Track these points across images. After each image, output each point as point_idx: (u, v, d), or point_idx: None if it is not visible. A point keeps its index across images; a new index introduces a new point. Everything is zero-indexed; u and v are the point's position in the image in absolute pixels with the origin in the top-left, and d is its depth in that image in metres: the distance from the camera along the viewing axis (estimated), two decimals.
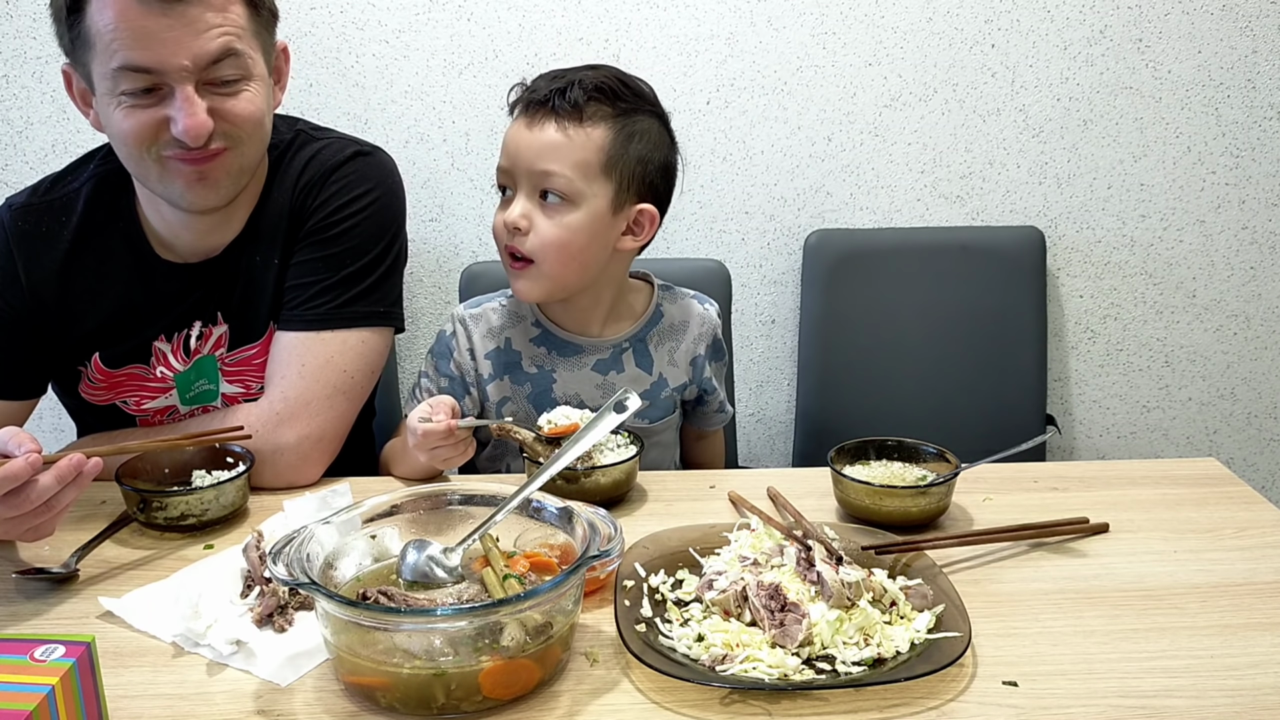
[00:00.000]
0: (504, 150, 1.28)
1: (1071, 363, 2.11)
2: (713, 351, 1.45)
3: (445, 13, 1.86)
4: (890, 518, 1.10)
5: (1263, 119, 1.98)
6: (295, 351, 1.26)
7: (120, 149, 1.18)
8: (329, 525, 0.91)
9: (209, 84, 1.13)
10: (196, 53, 1.10)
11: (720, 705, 0.82)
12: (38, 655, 0.66)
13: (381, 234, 1.31)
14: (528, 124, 1.25)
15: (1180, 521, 1.13)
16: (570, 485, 1.15)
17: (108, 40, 1.09)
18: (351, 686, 0.83)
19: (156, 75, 1.10)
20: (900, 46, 1.92)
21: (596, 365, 1.38)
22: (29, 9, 1.83)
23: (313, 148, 1.31)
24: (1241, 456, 2.18)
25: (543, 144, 1.24)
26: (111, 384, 1.33)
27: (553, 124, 1.24)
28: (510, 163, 1.27)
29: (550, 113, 1.24)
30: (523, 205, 1.26)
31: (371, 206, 1.30)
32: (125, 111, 1.13)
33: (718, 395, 1.48)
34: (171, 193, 1.19)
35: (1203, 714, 0.80)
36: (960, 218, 2.02)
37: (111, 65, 1.10)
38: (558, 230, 1.26)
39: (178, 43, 1.09)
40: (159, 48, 1.09)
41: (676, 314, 1.43)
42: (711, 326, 1.44)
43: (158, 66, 1.10)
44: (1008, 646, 0.89)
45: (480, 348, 1.38)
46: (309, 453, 1.24)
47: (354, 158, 1.31)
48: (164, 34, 1.09)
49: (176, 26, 1.09)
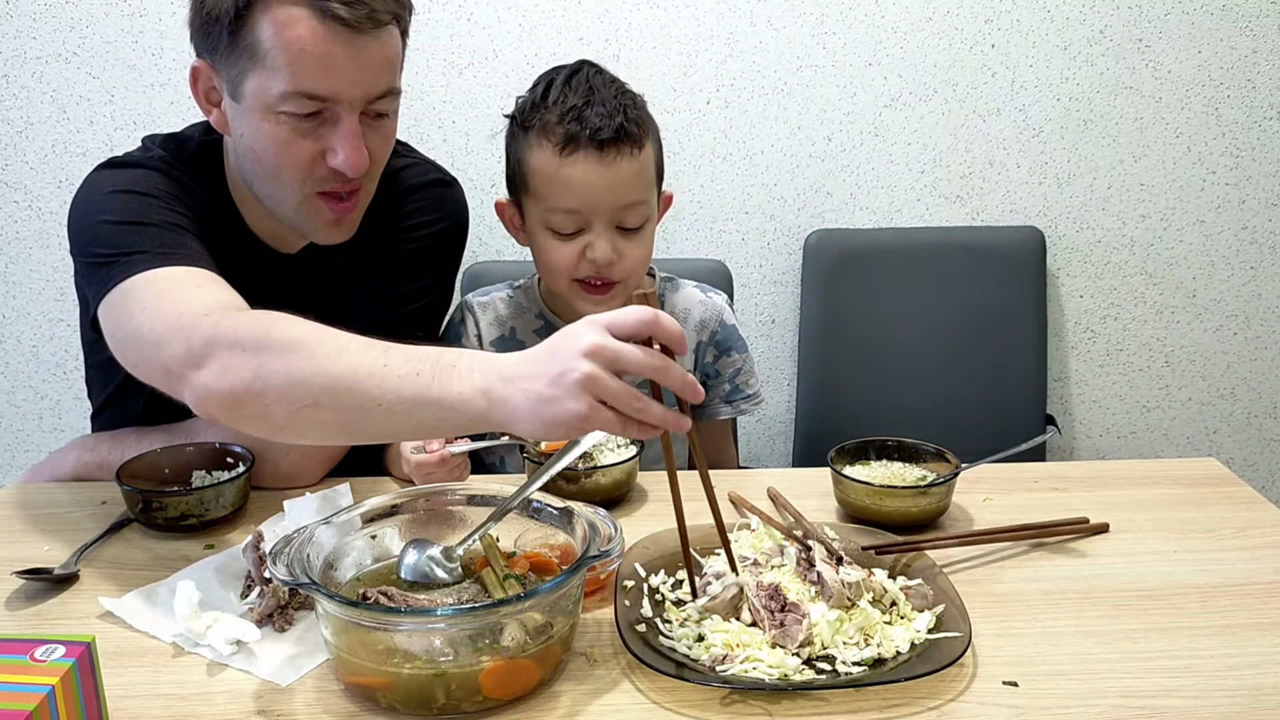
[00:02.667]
0: (568, 192, 1.25)
1: (1071, 363, 2.11)
2: (715, 339, 1.43)
3: (445, 13, 1.86)
4: (890, 518, 1.10)
5: (1263, 119, 1.98)
6: None
7: (263, 166, 1.15)
8: (329, 525, 0.91)
9: (365, 116, 1.14)
10: (369, 87, 1.11)
11: (720, 705, 0.82)
12: (38, 655, 0.66)
13: (438, 264, 1.32)
14: (602, 163, 1.23)
15: (1180, 521, 1.13)
16: (570, 485, 1.15)
17: (284, 61, 1.07)
18: (352, 687, 0.83)
19: (327, 104, 1.10)
20: (900, 46, 1.92)
21: None
22: (29, 9, 1.83)
23: (398, 163, 1.31)
24: (1241, 456, 2.18)
25: (625, 179, 1.25)
26: None
27: (626, 157, 1.25)
28: (584, 204, 1.25)
29: (619, 145, 1.24)
30: (607, 240, 1.26)
31: (437, 236, 1.31)
32: (284, 133, 1.11)
33: (721, 383, 1.46)
34: (303, 225, 1.20)
35: (1203, 714, 0.80)
36: (960, 218, 2.02)
37: (284, 87, 1.08)
38: (641, 250, 1.30)
39: (357, 75, 1.09)
40: (339, 78, 1.08)
41: (678, 303, 1.43)
42: (715, 313, 1.43)
43: (333, 96, 1.10)
44: (1008, 646, 0.89)
45: (486, 334, 1.40)
46: (312, 454, 1.24)
47: (435, 184, 1.33)
48: (345, 64, 1.08)
49: (359, 57, 1.08)
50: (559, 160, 1.24)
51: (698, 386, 0.84)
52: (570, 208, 1.26)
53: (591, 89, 1.26)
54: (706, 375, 1.45)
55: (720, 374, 1.46)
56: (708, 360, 1.44)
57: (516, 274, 1.71)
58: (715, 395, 1.48)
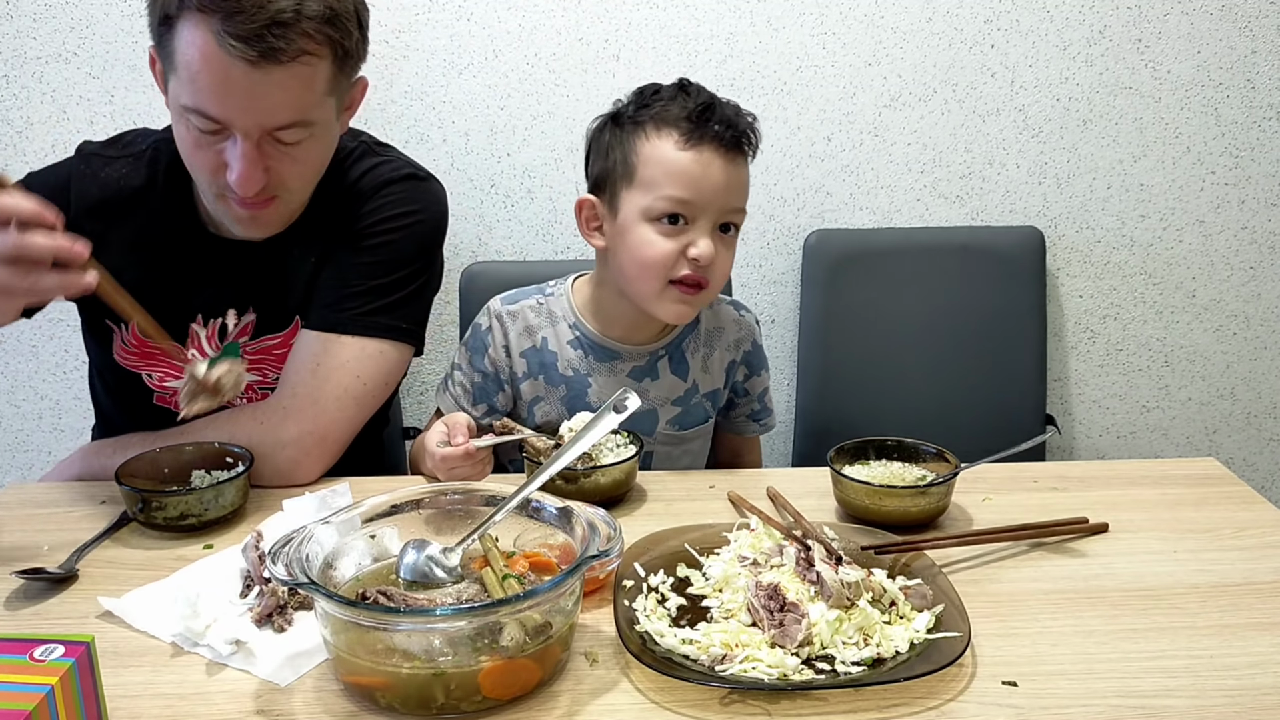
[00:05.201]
0: (687, 182, 1.24)
1: (1071, 363, 2.11)
2: (747, 358, 1.46)
3: (445, 13, 1.86)
4: (890, 518, 1.10)
5: (1262, 119, 1.98)
6: (313, 350, 1.27)
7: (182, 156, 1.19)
8: (328, 525, 0.91)
9: (269, 136, 1.13)
10: (264, 119, 1.10)
11: (720, 705, 0.82)
12: (37, 655, 0.66)
13: (418, 255, 1.32)
14: (725, 161, 1.25)
15: (1180, 521, 1.13)
16: (570, 485, 1.15)
17: (186, 76, 1.08)
18: (351, 686, 0.83)
19: (222, 125, 1.11)
20: (900, 46, 1.92)
21: (633, 372, 1.38)
22: (29, 9, 1.83)
23: (371, 160, 1.32)
24: (1241, 456, 2.18)
25: (740, 183, 1.28)
26: (144, 354, 1.33)
27: (744, 162, 1.28)
28: (699, 196, 1.24)
29: (740, 151, 1.27)
30: (709, 238, 1.26)
31: (414, 226, 1.31)
32: (192, 136, 1.14)
33: (750, 402, 1.49)
34: (224, 218, 1.23)
35: (1202, 714, 0.80)
36: (960, 218, 2.02)
37: (186, 100, 1.10)
38: (731, 258, 1.31)
39: (249, 104, 1.09)
40: (231, 104, 1.08)
41: (712, 320, 1.43)
42: (749, 332, 1.46)
43: (225, 121, 1.10)
44: (1007, 646, 0.89)
45: (516, 345, 1.38)
46: (309, 449, 1.24)
47: (408, 178, 1.33)
48: (238, 93, 1.08)
49: (255, 88, 1.08)
50: (683, 150, 1.24)
51: (73, 248, 0.97)
52: (685, 197, 1.24)
53: (712, 96, 1.28)
54: (735, 394, 1.47)
55: (749, 393, 1.49)
56: (739, 379, 1.46)
57: (516, 273, 1.71)
58: (743, 413, 1.50)
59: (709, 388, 1.42)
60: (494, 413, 1.40)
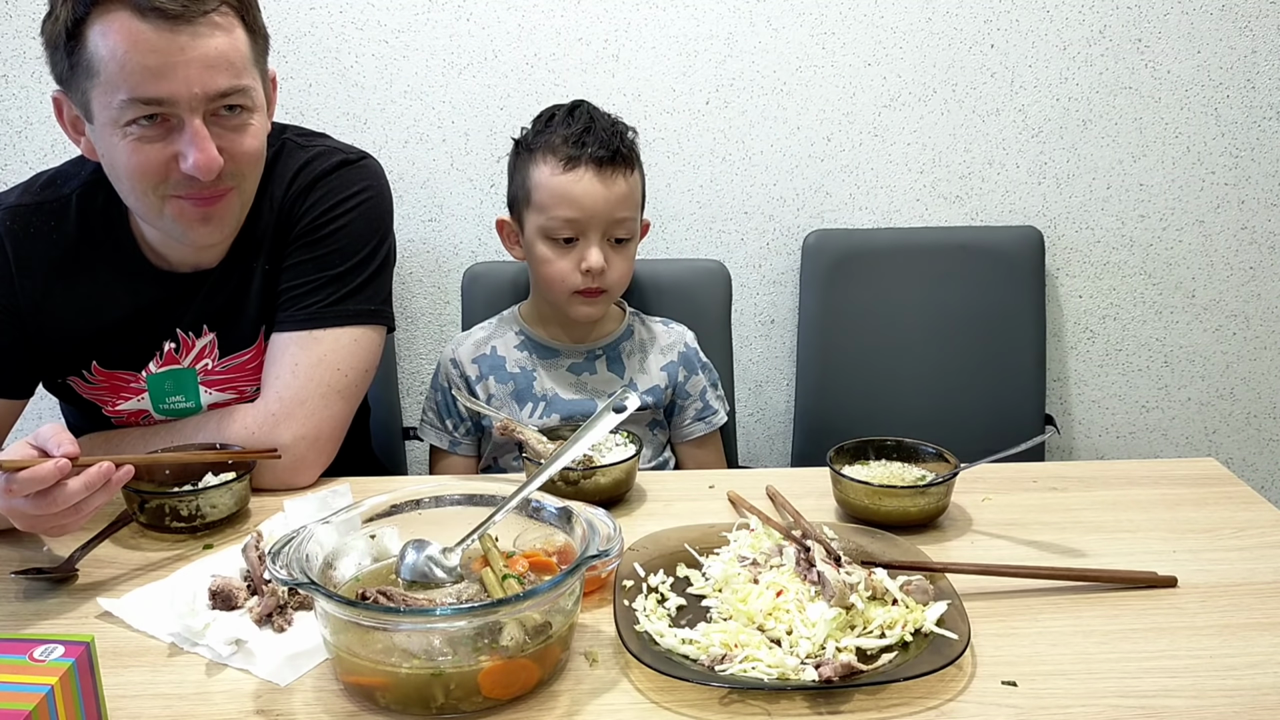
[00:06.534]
0: (569, 202, 1.40)
1: (1071, 363, 2.11)
2: (683, 358, 1.57)
3: (445, 13, 1.86)
4: (889, 517, 1.10)
5: (1262, 119, 1.98)
6: (289, 351, 1.26)
7: (121, 183, 1.16)
8: (328, 525, 0.91)
9: (215, 116, 1.12)
10: (205, 85, 1.09)
11: (719, 705, 0.82)
12: (37, 655, 0.66)
13: (370, 234, 1.32)
14: (600, 179, 1.40)
15: (1179, 521, 1.13)
16: (570, 485, 1.15)
17: (115, 68, 1.07)
18: (351, 686, 0.83)
19: (167, 107, 1.09)
20: (900, 46, 1.92)
21: (571, 367, 1.53)
22: (29, 9, 1.83)
23: (301, 156, 1.31)
24: (1241, 456, 2.18)
25: (618, 196, 1.42)
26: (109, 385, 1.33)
27: (621, 177, 1.42)
28: (582, 214, 1.41)
29: (615, 166, 1.41)
30: (599, 250, 1.42)
31: (360, 208, 1.31)
32: (132, 145, 1.11)
33: (693, 401, 1.57)
34: (172, 231, 1.20)
35: (1202, 714, 0.80)
36: (959, 218, 2.02)
37: (119, 96, 1.08)
38: (627, 263, 1.48)
39: (188, 72, 1.08)
40: (171, 76, 1.07)
41: (646, 333, 1.58)
42: (679, 337, 1.58)
43: (169, 98, 1.08)
44: (1007, 646, 0.89)
45: (466, 356, 1.53)
46: (305, 453, 1.24)
47: (341, 166, 1.32)
48: (174, 61, 1.07)
49: (186, 52, 1.07)
50: (562, 175, 1.41)
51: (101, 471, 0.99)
52: (570, 216, 1.41)
53: (591, 119, 1.43)
54: (678, 395, 1.57)
55: (691, 393, 1.58)
56: (679, 380, 1.56)
57: (516, 274, 1.72)
58: (689, 415, 1.59)
59: (647, 385, 1.53)
60: (462, 422, 1.53)
